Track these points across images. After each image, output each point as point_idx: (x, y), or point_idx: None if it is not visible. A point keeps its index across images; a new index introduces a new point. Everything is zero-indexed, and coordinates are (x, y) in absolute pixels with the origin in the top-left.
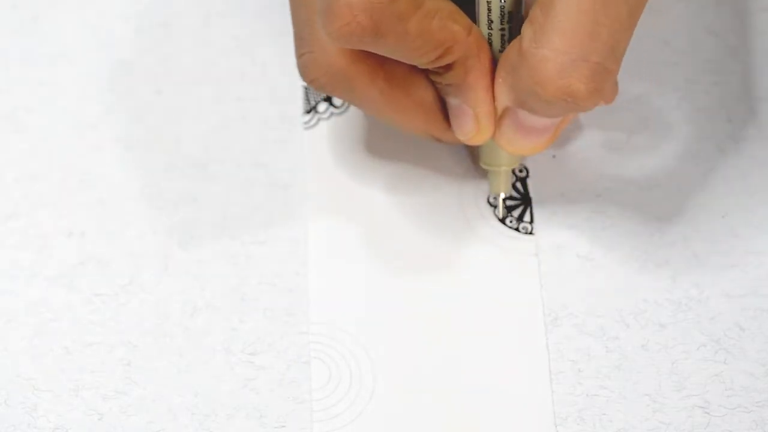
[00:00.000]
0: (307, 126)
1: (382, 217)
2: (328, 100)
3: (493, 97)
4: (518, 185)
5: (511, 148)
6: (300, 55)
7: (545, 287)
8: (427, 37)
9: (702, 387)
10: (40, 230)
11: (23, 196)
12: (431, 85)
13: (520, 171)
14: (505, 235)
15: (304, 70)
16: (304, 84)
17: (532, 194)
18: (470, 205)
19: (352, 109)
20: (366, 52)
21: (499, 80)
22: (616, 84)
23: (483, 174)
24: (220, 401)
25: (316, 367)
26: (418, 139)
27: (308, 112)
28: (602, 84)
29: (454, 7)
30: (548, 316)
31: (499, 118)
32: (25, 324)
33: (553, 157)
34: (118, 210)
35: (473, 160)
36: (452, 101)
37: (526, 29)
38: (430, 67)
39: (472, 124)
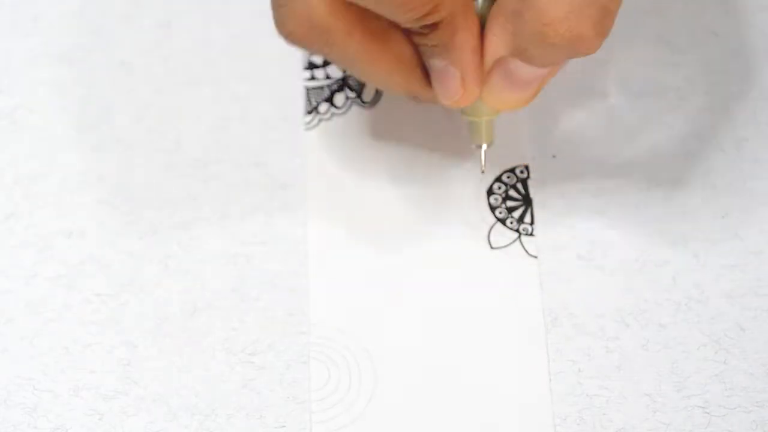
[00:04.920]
0: (309, 126)
1: (382, 217)
2: (330, 101)
3: (481, 56)
4: (519, 186)
5: (496, 102)
6: (278, 7)
7: (545, 287)
8: None
9: (702, 387)
10: (40, 230)
11: (23, 196)
12: (410, 41)
13: (521, 172)
14: (505, 236)
15: (280, 23)
16: (306, 84)
17: (532, 195)
18: (471, 206)
19: (354, 110)
20: (346, 5)
21: (495, 30)
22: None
23: (484, 174)
24: (220, 401)
25: (316, 368)
26: (398, 97)
27: (309, 112)
28: (606, 26)
29: None
30: (548, 316)
31: (488, 72)
32: (25, 324)
33: (553, 157)
34: (118, 210)
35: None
36: (437, 63)
37: None
38: (416, 25)
39: (457, 86)
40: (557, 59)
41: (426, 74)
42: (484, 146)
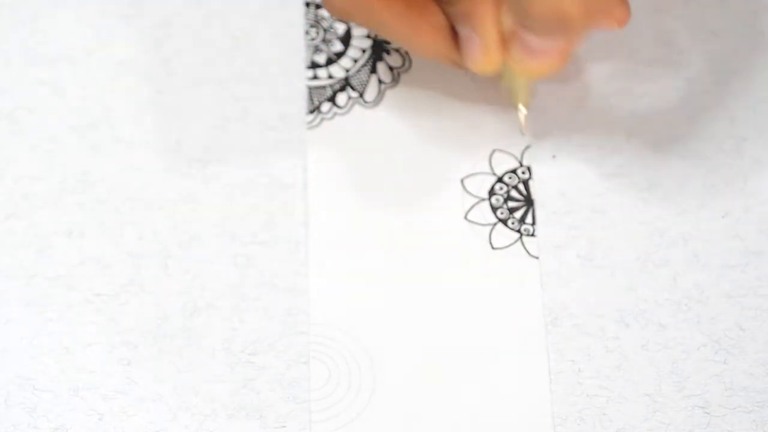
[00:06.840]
0: (311, 126)
1: (382, 217)
2: (332, 100)
3: (500, 25)
4: (521, 187)
5: (522, 70)
6: None
7: (545, 287)
8: None
9: (702, 387)
10: (40, 230)
11: (23, 196)
12: (444, 11)
13: (523, 173)
14: (507, 236)
15: None
16: (308, 84)
17: (534, 196)
18: (472, 207)
19: (356, 109)
20: None
21: (504, 2)
22: (626, 5)
23: (484, 174)
24: (220, 401)
25: (316, 368)
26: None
27: (312, 112)
28: (594, 6)
29: None
30: (548, 316)
31: (507, 40)
32: (25, 324)
33: (554, 157)
34: (118, 210)
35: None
36: (462, 30)
37: None
38: None
39: (480, 53)
40: (553, 34)
41: (458, 42)
42: (523, 109)
